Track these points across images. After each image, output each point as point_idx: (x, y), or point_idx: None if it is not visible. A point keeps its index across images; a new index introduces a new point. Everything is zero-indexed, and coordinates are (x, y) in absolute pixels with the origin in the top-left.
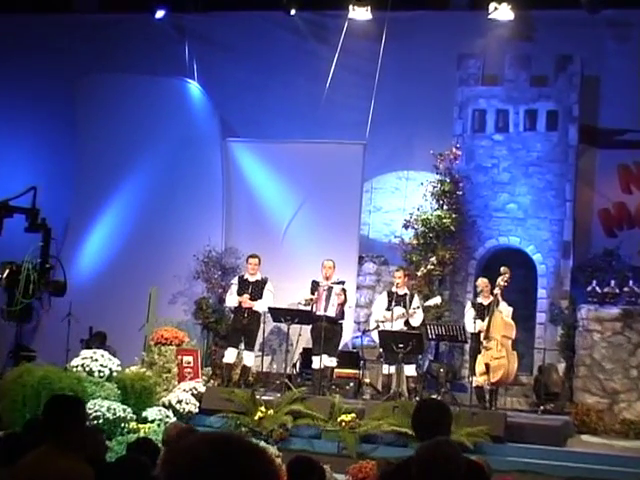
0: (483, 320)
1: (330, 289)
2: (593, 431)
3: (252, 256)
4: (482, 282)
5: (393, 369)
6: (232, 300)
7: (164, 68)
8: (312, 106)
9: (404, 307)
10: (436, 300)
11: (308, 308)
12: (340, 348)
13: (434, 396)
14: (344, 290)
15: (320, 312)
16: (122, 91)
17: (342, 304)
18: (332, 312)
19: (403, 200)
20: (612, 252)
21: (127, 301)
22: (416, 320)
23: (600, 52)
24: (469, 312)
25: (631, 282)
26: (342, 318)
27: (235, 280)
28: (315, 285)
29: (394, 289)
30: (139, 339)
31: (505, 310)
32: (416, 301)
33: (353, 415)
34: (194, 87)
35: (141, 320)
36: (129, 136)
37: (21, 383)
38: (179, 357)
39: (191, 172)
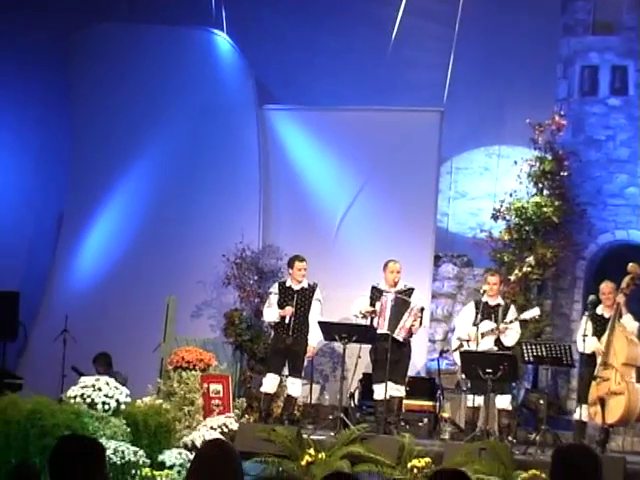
0: (600, 337)
1: (400, 303)
2: None
3: (300, 259)
4: (606, 287)
5: (481, 401)
6: (272, 314)
7: (184, 16)
8: (373, 63)
9: (495, 321)
10: (534, 312)
11: (366, 322)
12: (411, 373)
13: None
14: (422, 311)
15: (382, 330)
16: (129, 46)
17: (414, 329)
18: (400, 336)
19: (494, 184)
20: None
21: (137, 315)
22: (510, 338)
23: None
24: (586, 327)
25: None
26: (410, 336)
27: (275, 288)
28: (377, 293)
29: (485, 298)
30: (153, 363)
31: (630, 325)
32: (512, 314)
33: (428, 460)
34: (222, 40)
35: (156, 339)
36: (139, 104)
37: (4, 419)
38: (205, 385)
39: (218, 149)
